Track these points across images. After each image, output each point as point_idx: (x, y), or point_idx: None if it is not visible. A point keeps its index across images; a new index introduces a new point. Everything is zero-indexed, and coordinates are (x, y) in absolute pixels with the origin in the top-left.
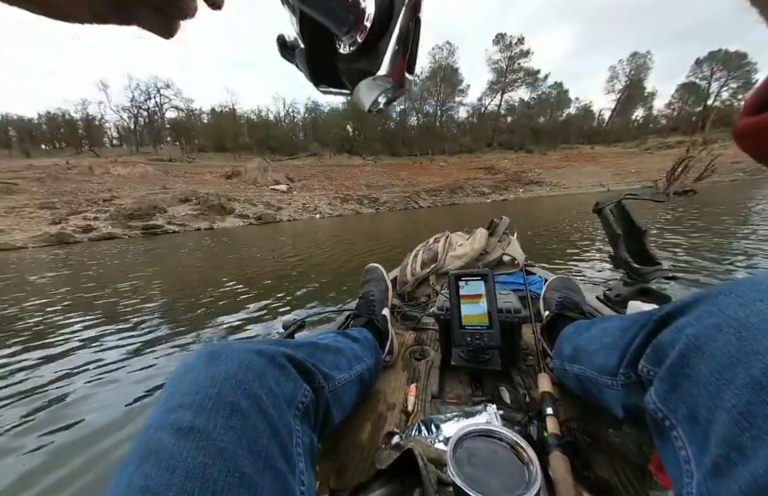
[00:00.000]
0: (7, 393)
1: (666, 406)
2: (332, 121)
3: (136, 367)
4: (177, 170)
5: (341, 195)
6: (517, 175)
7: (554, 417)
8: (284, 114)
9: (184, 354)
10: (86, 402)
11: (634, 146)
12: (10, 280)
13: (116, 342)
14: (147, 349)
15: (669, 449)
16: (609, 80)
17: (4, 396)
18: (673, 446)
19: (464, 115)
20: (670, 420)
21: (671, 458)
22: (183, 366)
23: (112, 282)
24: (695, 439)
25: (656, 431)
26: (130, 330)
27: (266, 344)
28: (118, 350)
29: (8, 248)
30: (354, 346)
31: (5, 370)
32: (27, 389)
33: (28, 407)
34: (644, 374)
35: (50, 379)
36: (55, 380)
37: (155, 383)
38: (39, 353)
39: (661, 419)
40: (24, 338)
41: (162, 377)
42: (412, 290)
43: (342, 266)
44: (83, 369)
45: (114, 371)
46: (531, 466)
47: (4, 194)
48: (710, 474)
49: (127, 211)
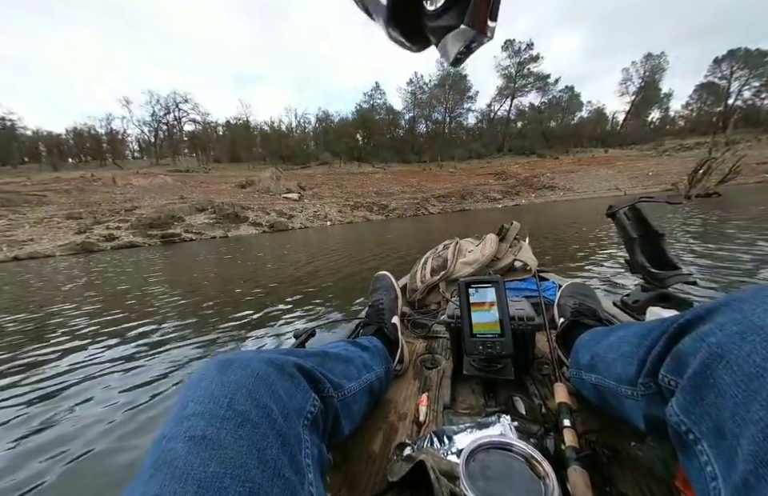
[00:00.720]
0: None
1: (689, 419)
2: (342, 130)
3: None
4: (194, 180)
5: (351, 203)
6: (528, 180)
7: (571, 429)
8: (295, 125)
9: (199, 361)
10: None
11: (650, 148)
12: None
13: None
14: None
15: (694, 464)
16: (622, 82)
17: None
18: (698, 461)
19: (473, 121)
20: (693, 433)
21: (696, 473)
22: (196, 375)
23: (136, 287)
24: (721, 454)
25: (679, 445)
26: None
27: (276, 353)
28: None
29: (37, 256)
30: (364, 355)
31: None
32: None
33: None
34: (665, 384)
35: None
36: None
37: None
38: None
39: (684, 432)
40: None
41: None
42: (422, 298)
43: (353, 272)
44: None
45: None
46: (548, 481)
47: (35, 206)
48: (739, 492)
49: (147, 220)
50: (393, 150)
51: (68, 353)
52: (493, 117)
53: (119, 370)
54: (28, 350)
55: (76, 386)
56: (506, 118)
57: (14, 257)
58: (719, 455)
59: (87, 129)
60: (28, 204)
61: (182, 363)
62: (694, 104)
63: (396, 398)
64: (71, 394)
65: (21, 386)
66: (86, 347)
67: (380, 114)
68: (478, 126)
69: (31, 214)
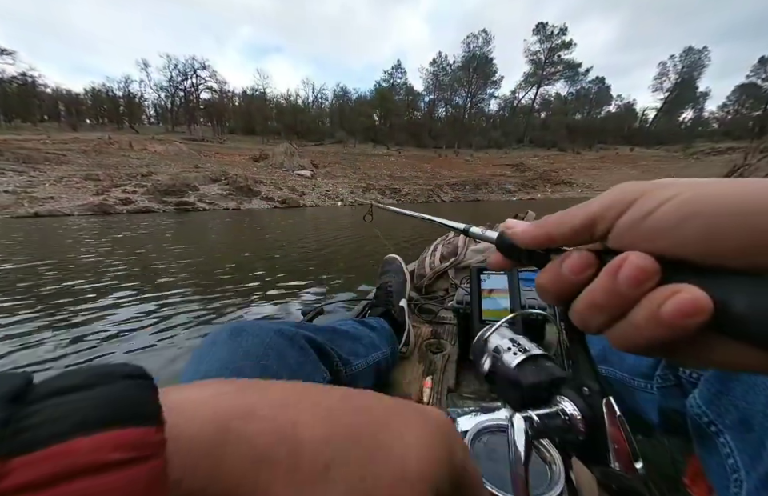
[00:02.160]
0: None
1: (712, 411)
2: (359, 108)
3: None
4: (208, 150)
5: (363, 184)
6: (547, 174)
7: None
8: (312, 100)
9: (210, 328)
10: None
11: (678, 150)
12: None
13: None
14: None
15: (714, 456)
16: (657, 77)
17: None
18: (719, 453)
19: (495, 108)
20: (716, 425)
21: (716, 465)
22: (208, 339)
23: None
24: (746, 447)
25: (699, 437)
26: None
27: (287, 325)
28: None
29: (57, 214)
30: (372, 335)
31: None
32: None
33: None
34: (686, 376)
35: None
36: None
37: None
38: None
39: (706, 424)
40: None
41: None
42: (430, 284)
43: (362, 254)
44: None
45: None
46: (554, 466)
47: (54, 165)
48: (764, 484)
49: (163, 187)
50: (409, 132)
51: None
52: (516, 105)
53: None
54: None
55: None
56: (530, 107)
57: (35, 213)
58: (744, 448)
59: (105, 90)
60: (48, 162)
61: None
62: (732, 106)
63: (400, 379)
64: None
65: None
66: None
67: (399, 94)
68: (499, 114)
69: (51, 173)
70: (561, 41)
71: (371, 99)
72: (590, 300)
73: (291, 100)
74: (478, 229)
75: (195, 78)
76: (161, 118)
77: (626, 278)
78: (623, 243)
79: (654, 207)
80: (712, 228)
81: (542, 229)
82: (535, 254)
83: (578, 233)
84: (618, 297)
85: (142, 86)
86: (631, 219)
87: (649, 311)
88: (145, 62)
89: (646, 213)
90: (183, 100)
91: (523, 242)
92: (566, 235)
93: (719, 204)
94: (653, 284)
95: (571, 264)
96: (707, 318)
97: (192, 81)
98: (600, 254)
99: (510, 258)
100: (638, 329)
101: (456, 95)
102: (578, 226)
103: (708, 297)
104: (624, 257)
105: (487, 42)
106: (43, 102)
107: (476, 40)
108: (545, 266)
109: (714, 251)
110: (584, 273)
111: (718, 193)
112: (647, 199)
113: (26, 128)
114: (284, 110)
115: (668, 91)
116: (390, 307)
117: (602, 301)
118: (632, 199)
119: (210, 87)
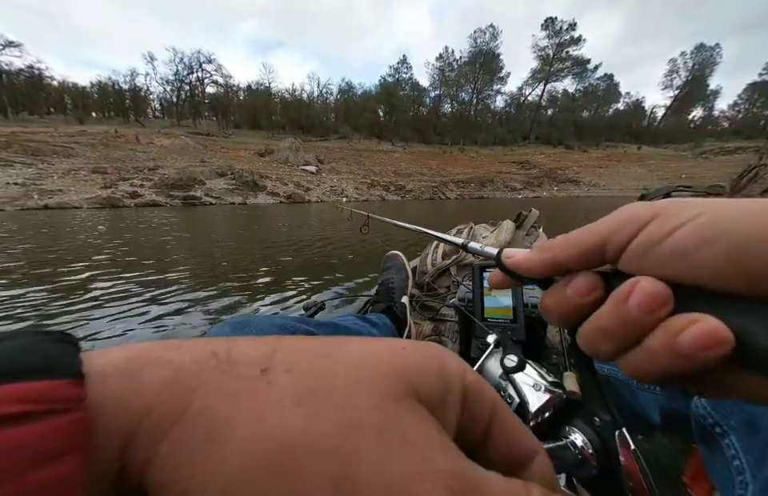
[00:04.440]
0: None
1: (717, 413)
2: (364, 103)
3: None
4: (214, 144)
5: (368, 180)
6: (553, 172)
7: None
8: (317, 94)
9: (211, 324)
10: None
11: (687, 149)
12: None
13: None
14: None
15: (718, 457)
16: (667, 74)
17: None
18: (723, 455)
19: (501, 105)
20: (721, 427)
21: (720, 467)
22: (209, 334)
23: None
24: (753, 449)
25: (703, 438)
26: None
27: (289, 320)
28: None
29: (66, 207)
30: (373, 331)
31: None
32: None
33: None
34: None
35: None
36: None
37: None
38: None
39: (710, 426)
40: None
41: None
42: (431, 281)
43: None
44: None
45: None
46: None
47: (62, 158)
48: None
49: (170, 181)
50: (414, 128)
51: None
52: (523, 102)
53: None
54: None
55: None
56: (537, 103)
57: (44, 205)
58: (750, 450)
59: (111, 83)
60: (56, 155)
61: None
62: (743, 104)
63: None
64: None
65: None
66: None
67: (404, 89)
68: (505, 110)
69: (59, 165)
70: (570, 36)
71: (376, 94)
72: (598, 325)
73: (296, 94)
74: (477, 245)
75: (201, 71)
76: (166, 112)
77: (637, 304)
78: (635, 267)
79: (673, 228)
80: (738, 253)
81: (549, 253)
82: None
83: (587, 255)
84: (627, 323)
85: (148, 79)
86: (646, 241)
87: (665, 339)
88: (151, 55)
89: (663, 234)
90: (189, 94)
91: (529, 270)
92: (574, 258)
93: (747, 226)
94: (666, 312)
95: (576, 287)
96: (728, 351)
97: (198, 75)
98: (608, 277)
99: (511, 277)
100: (654, 357)
101: (462, 91)
102: (587, 248)
103: (727, 328)
104: (634, 282)
105: (494, 37)
106: (50, 94)
107: (483, 35)
108: (548, 288)
109: (738, 278)
110: (590, 296)
111: (744, 214)
112: (665, 219)
113: (33, 120)
114: (289, 104)
115: (678, 89)
116: (391, 303)
117: (609, 327)
118: (646, 219)
119: (215, 81)
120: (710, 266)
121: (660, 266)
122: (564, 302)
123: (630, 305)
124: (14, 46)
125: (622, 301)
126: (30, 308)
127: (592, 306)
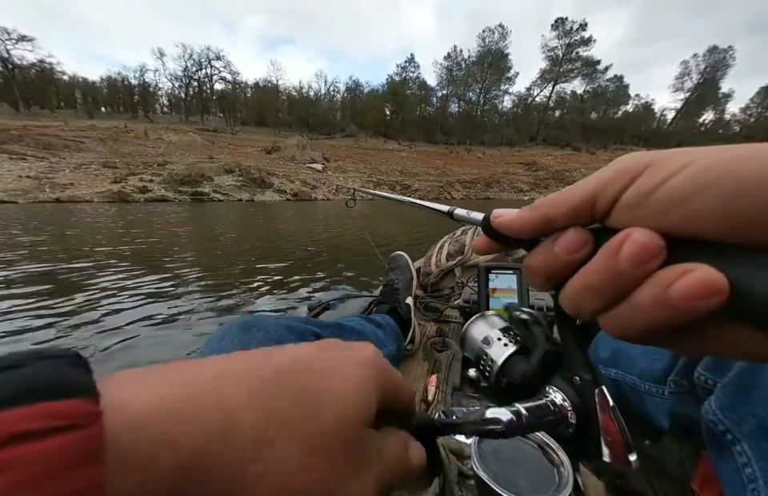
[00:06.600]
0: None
1: (728, 419)
2: (371, 102)
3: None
4: (222, 141)
5: (374, 179)
6: (560, 174)
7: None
8: (324, 92)
9: (219, 321)
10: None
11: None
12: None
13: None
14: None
15: (729, 464)
16: (678, 76)
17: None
18: (735, 462)
19: (509, 105)
20: (732, 434)
21: (731, 474)
22: (217, 334)
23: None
24: (765, 456)
25: (713, 445)
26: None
27: (295, 320)
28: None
29: (77, 200)
30: (378, 332)
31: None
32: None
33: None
34: (701, 383)
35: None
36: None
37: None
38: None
39: (721, 432)
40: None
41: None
42: (436, 282)
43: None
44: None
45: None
46: (562, 469)
47: (73, 152)
48: None
49: (178, 176)
50: (421, 128)
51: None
52: (530, 102)
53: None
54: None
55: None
56: (545, 104)
57: (56, 198)
58: (762, 457)
59: (121, 79)
60: (67, 149)
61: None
62: (755, 108)
63: (405, 377)
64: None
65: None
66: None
67: (412, 88)
68: (513, 111)
69: (70, 159)
70: (580, 37)
71: (383, 93)
72: (584, 282)
73: (303, 92)
74: (463, 211)
75: (210, 68)
76: (174, 108)
77: (628, 256)
78: (627, 220)
79: (666, 177)
80: (736, 198)
81: (539, 210)
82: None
83: (578, 211)
84: (616, 277)
85: (157, 75)
86: (638, 192)
87: (654, 292)
88: (160, 51)
89: (655, 183)
90: (197, 90)
91: (519, 229)
92: (565, 215)
93: (746, 170)
94: (658, 264)
95: (565, 242)
96: (722, 301)
97: (206, 71)
98: (598, 234)
99: (497, 241)
100: (640, 311)
101: (469, 91)
102: (578, 203)
103: (724, 277)
104: (626, 233)
105: (503, 37)
106: (60, 89)
107: (492, 34)
108: (534, 248)
109: (736, 226)
110: (579, 252)
111: (743, 157)
112: (657, 168)
113: (44, 115)
114: (296, 102)
115: (689, 91)
116: (396, 304)
117: (597, 282)
118: (639, 170)
119: (223, 78)
120: (708, 212)
121: (653, 218)
122: (551, 260)
123: (621, 257)
124: (26, 40)
125: (612, 253)
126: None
127: (578, 263)
